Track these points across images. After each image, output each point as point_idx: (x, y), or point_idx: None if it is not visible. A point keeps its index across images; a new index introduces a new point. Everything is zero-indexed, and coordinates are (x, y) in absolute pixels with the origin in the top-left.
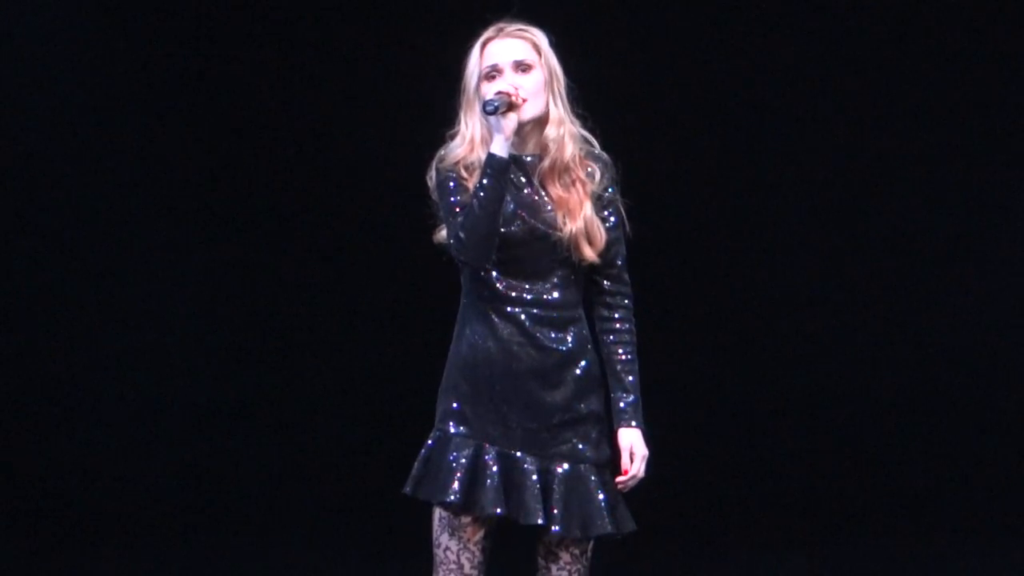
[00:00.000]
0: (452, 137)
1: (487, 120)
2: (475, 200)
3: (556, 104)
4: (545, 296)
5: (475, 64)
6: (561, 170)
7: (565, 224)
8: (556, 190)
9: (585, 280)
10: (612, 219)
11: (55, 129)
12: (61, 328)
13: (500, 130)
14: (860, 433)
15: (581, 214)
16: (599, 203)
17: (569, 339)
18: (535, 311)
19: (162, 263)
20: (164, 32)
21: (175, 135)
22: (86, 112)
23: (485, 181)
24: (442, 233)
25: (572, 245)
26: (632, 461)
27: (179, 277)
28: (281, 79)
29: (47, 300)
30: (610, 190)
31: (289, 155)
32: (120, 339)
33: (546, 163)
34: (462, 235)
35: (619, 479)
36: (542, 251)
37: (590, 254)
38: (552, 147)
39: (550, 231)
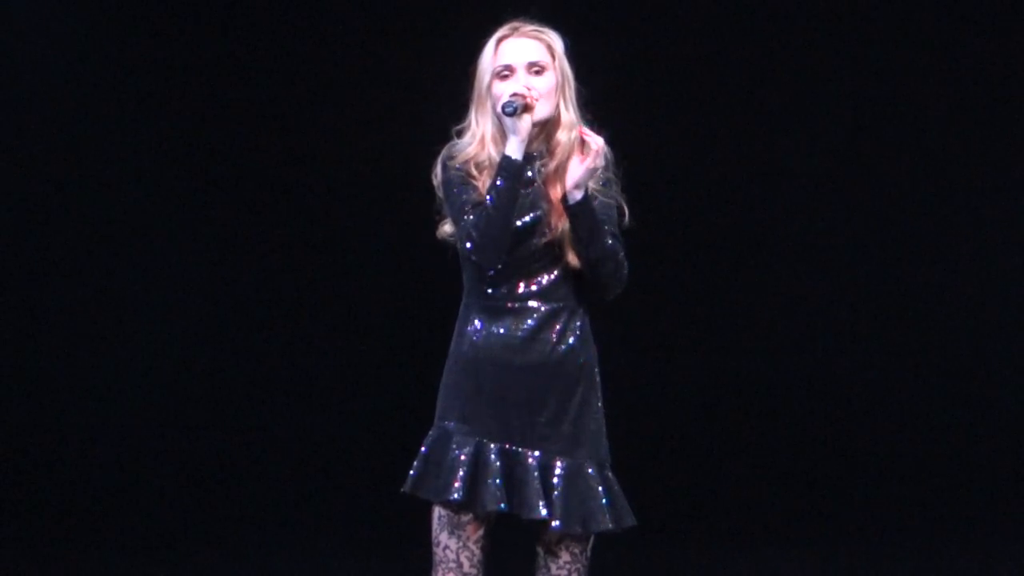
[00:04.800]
0: (459, 133)
1: (503, 120)
2: (489, 201)
3: (567, 109)
4: (545, 291)
5: (489, 61)
6: (565, 174)
7: (558, 225)
8: (556, 192)
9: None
10: (607, 215)
11: (54, 129)
12: (61, 328)
13: (516, 132)
14: (861, 433)
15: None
16: (595, 197)
17: (570, 334)
18: (536, 306)
19: (161, 264)
20: (164, 33)
21: (176, 134)
22: (86, 111)
23: (500, 183)
24: (446, 227)
25: (563, 246)
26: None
27: (179, 277)
28: (283, 79)
29: (47, 300)
30: (604, 184)
31: (290, 154)
32: (120, 339)
33: (552, 166)
34: (475, 235)
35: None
36: (538, 246)
37: (573, 260)
38: (560, 152)
39: (545, 229)
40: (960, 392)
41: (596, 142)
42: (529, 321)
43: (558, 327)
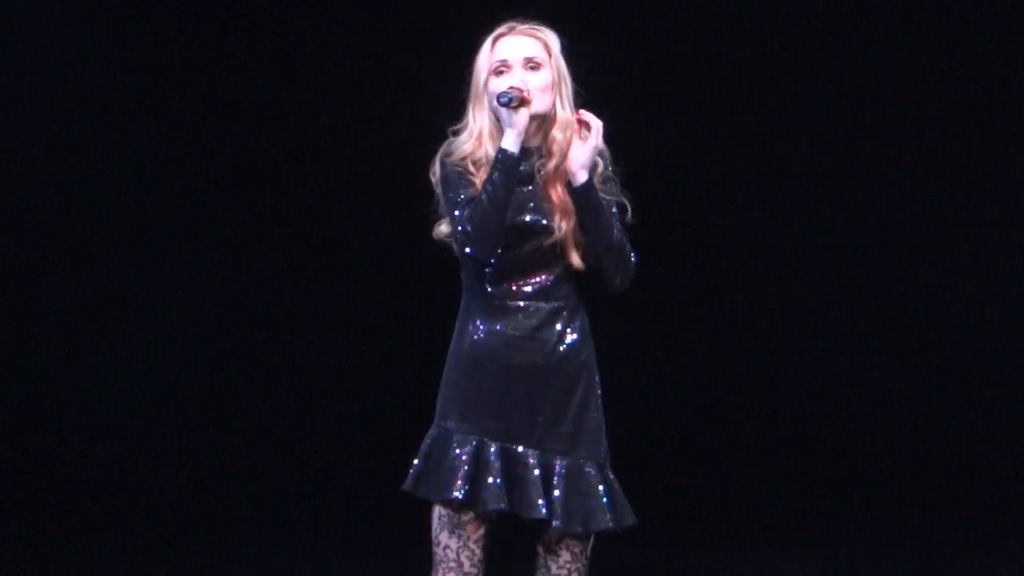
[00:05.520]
0: (457, 132)
1: (499, 113)
2: (484, 194)
3: (563, 107)
4: (545, 290)
5: (485, 59)
6: (564, 173)
7: (561, 225)
8: (557, 192)
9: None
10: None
11: (54, 129)
12: (61, 328)
13: (512, 125)
14: (861, 433)
15: (576, 218)
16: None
17: (570, 333)
18: (536, 304)
19: (161, 264)
20: (164, 33)
21: (176, 134)
22: (86, 111)
23: (496, 176)
24: (442, 227)
25: (563, 247)
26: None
27: (179, 277)
28: (283, 79)
29: (47, 300)
30: (605, 182)
31: (290, 154)
32: (120, 339)
33: (551, 165)
34: (469, 228)
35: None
36: (540, 246)
37: (577, 261)
38: (557, 150)
39: (546, 228)
40: (960, 392)
41: (595, 122)
42: (529, 320)
43: (558, 326)
